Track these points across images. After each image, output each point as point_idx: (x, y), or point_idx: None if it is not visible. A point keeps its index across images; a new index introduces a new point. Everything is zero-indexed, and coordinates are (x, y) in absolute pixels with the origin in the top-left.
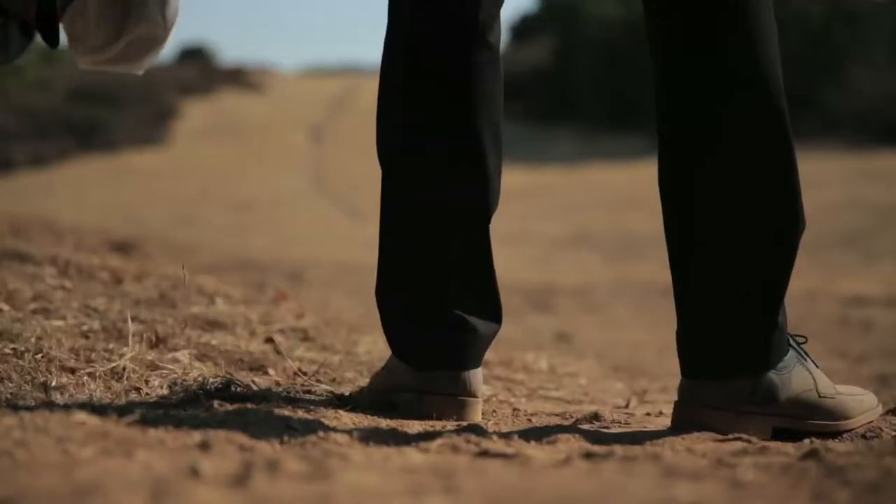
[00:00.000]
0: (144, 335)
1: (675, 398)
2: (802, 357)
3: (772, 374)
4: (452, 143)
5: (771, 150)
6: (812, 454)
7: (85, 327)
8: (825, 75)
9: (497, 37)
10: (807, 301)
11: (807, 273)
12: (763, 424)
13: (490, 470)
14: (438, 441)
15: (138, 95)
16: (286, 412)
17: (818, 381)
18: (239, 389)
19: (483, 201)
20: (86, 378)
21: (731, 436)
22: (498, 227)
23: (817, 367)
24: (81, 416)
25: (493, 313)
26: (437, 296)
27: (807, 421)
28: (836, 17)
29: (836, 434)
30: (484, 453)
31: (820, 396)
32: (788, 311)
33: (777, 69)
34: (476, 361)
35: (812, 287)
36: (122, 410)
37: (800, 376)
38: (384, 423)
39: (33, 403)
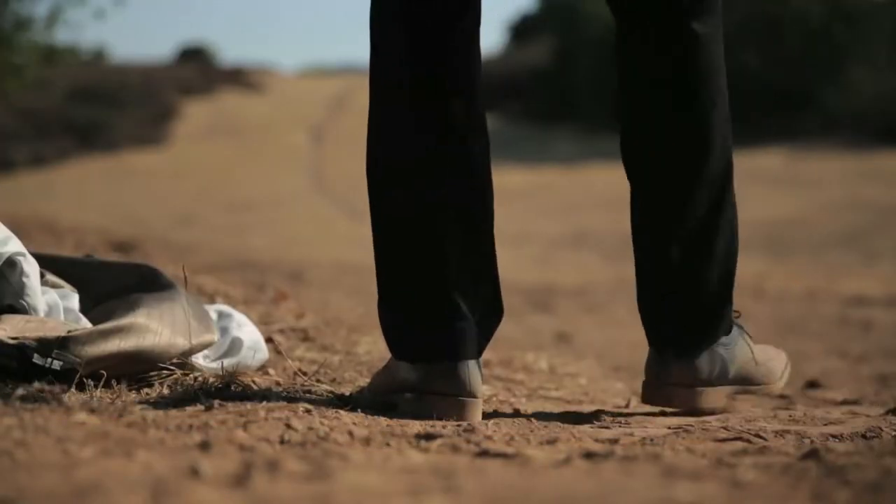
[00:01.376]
0: None
1: (643, 377)
2: (741, 329)
3: (723, 351)
4: (438, 138)
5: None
6: (812, 454)
7: None
8: (825, 75)
9: (472, 20)
10: (807, 301)
11: (807, 273)
12: (718, 395)
13: (490, 470)
14: (438, 441)
15: (138, 95)
16: (286, 412)
17: (753, 350)
18: (239, 389)
19: (477, 195)
20: (86, 378)
21: (731, 436)
22: (498, 227)
23: (749, 335)
24: (81, 416)
25: (493, 306)
26: (437, 292)
27: (748, 387)
28: (836, 17)
29: (767, 393)
30: (484, 453)
31: (756, 364)
32: (789, 311)
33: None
34: (473, 352)
35: (812, 287)
36: (122, 410)
37: (742, 349)
38: (384, 423)
39: (34, 403)
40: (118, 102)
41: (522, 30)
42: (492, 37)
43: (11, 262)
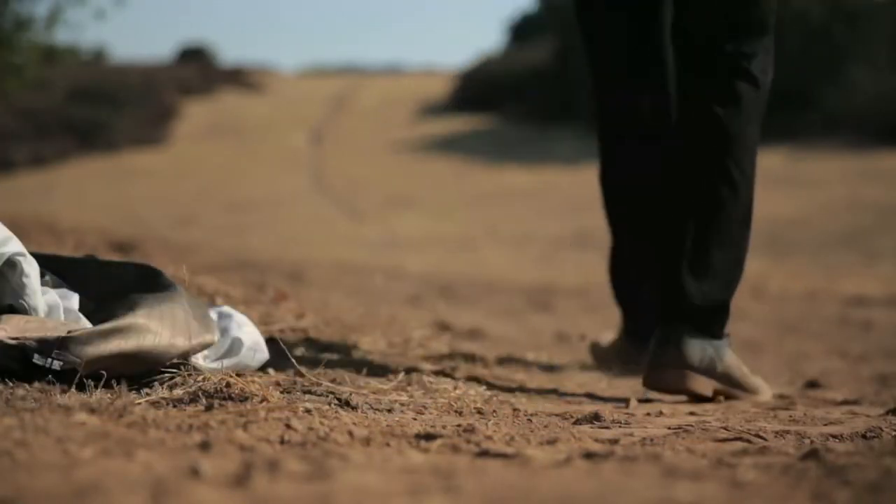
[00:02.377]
0: None
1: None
2: (730, 345)
3: (711, 349)
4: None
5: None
6: (812, 454)
7: None
8: (825, 75)
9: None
10: (807, 301)
11: (807, 273)
12: (704, 383)
13: (490, 470)
14: (438, 441)
15: (138, 95)
16: (286, 412)
17: (741, 365)
18: (239, 390)
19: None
20: (86, 378)
21: (731, 436)
22: (500, 226)
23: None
24: (81, 416)
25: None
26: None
27: (734, 389)
28: (836, 16)
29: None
30: (484, 453)
31: (742, 374)
32: (789, 311)
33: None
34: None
35: (812, 287)
36: (122, 411)
37: (729, 355)
38: (384, 423)
39: (34, 403)
40: (118, 102)
41: (524, 29)
42: (492, 36)
43: (11, 263)
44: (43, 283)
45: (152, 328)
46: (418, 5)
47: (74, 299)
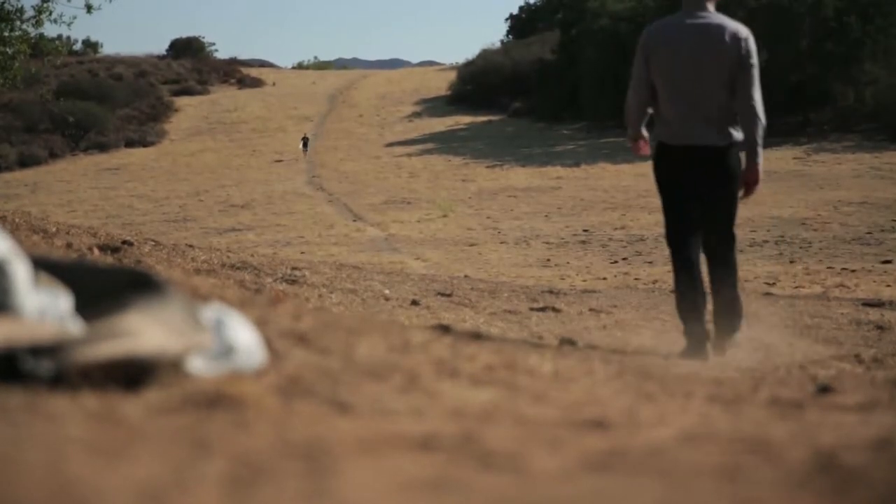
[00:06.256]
0: None
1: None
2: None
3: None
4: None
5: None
6: (822, 462)
7: None
8: (839, 69)
9: None
10: (820, 301)
11: (820, 273)
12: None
13: (491, 476)
14: (438, 446)
15: (131, 92)
16: (283, 416)
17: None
18: (234, 393)
19: None
20: (78, 382)
21: (739, 441)
22: (504, 226)
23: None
24: (74, 421)
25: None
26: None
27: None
28: (851, 10)
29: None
30: (485, 459)
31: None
32: (802, 312)
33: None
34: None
35: (825, 287)
36: (116, 415)
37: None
38: (384, 427)
39: (24, 408)
40: (110, 99)
41: (526, 22)
42: (495, 33)
43: (2, 264)
44: (34, 285)
45: (145, 331)
46: (421, 1)
47: (66, 302)
